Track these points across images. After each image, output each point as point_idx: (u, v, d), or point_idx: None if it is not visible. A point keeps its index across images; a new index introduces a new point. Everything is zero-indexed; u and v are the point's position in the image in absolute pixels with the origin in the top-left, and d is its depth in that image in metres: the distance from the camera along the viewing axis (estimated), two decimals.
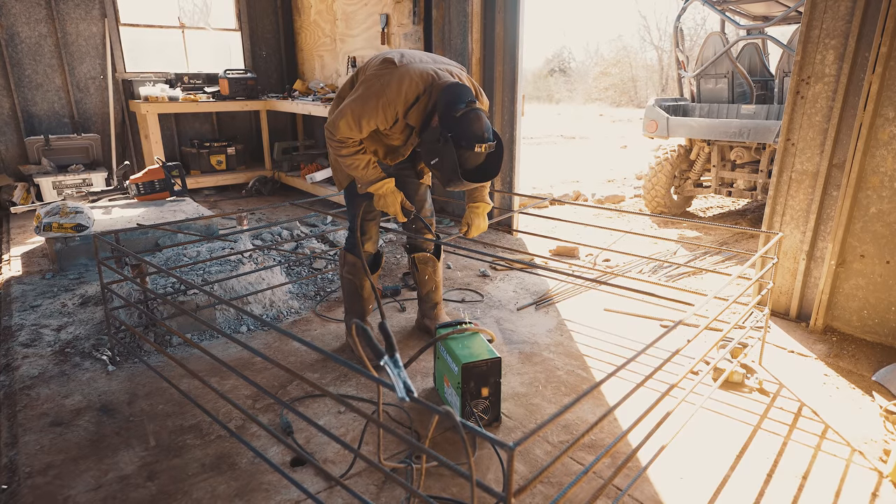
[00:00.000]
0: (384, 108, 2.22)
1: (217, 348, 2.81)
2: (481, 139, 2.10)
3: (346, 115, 2.25)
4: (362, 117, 2.23)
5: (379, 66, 2.27)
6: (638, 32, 45.75)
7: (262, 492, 1.85)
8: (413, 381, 2.53)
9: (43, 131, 5.69)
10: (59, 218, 3.75)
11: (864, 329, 2.94)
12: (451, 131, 2.09)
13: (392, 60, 2.26)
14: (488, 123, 2.16)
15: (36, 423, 2.20)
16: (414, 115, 2.26)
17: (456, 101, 2.12)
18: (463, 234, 2.65)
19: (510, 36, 4.64)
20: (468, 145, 2.08)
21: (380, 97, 2.20)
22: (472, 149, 2.09)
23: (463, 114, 2.09)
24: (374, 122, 2.25)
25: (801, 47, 2.91)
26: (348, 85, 2.46)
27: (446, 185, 2.21)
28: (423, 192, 2.75)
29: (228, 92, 6.23)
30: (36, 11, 5.55)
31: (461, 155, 2.11)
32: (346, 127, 2.26)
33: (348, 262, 2.70)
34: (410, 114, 2.25)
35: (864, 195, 2.84)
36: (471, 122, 2.09)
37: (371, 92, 2.22)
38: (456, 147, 2.09)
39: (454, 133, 2.09)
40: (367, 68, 2.34)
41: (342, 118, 2.26)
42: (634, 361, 1.47)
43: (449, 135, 2.09)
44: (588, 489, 1.86)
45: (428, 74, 2.23)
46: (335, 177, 2.63)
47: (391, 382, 1.31)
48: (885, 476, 1.94)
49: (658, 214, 4.61)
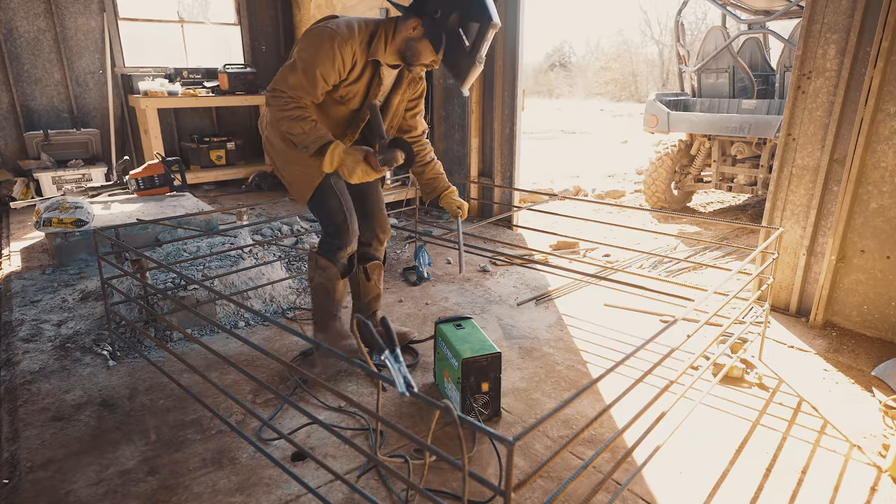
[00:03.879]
0: (340, 48, 2.00)
1: (217, 343, 2.81)
2: (493, 8, 1.98)
3: (297, 68, 2.00)
4: (318, 65, 1.99)
5: (317, 23, 2.09)
6: (639, 27, 45.63)
7: (262, 486, 1.85)
8: (413, 377, 2.53)
9: (42, 126, 5.67)
10: (59, 213, 3.75)
11: (864, 324, 2.95)
12: (451, 8, 1.95)
13: (328, 17, 2.11)
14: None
15: (37, 418, 2.21)
16: (379, 50, 2.08)
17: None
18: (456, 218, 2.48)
19: (510, 30, 4.62)
20: (482, 19, 1.95)
21: (333, 38, 1.99)
22: (488, 23, 1.96)
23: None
24: (330, 72, 2.02)
25: (803, 42, 2.90)
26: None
27: (464, 77, 2.05)
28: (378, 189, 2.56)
29: (228, 86, 6.21)
30: (34, 5, 5.53)
31: (474, 33, 1.96)
32: (298, 82, 2.01)
33: (321, 266, 2.39)
34: (374, 50, 2.08)
35: (864, 190, 2.84)
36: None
37: (322, 38, 1.99)
38: (467, 28, 1.96)
39: (458, 10, 1.95)
40: (299, 40, 2.14)
41: (294, 73, 2.01)
42: (634, 357, 1.47)
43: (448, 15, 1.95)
44: (588, 484, 1.87)
45: (371, 20, 2.10)
46: (292, 191, 2.31)
47: (391, 377, 1.31)
48: (884, 471, 1.95)
49: (658, 209, 4.60)
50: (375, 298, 2.70)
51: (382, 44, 2.09)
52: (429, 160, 2.48)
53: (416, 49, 2.08)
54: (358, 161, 2.09)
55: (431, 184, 2.49)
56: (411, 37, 2.06)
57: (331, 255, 2.38)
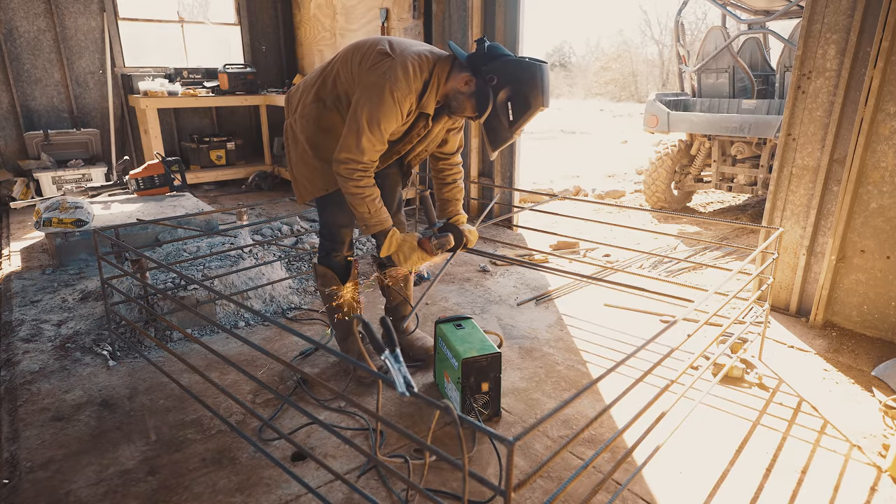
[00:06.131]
0: (400, 103, 1.99)
1: (217, 343, 2.81)
2: (548, 93, 1.96)
3: (364, 129, 1.98)
4: (381, 122, 1.98)
5: (374, 59, 2.04)
6: (639, 27, 45.64)
7: (262, 486, 1.85)
8: (413, 377, 2.53)
9: (42, 126, 5.68)
10: (59, 213, 3.75)
11: (864, 324, 2.95)
12: (508, 82, 1.94)
13: (385, 51, 2.05)
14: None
15: (37, 418, 2.21)
16: (429, 103, 2.07)
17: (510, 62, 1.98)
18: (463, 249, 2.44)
19: (511, 30, 4.62)
20: (531, 102, 1.94)
21: (393, 92, 1.96)
22: (537, 108, 1.96)
23: (521, 64, 1.95)
24: (392, 123, 2.03)
25: (803, 42, 2.90)
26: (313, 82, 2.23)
27: (496, 146, 2.06)
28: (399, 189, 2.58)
29: (228, 86, 6.22)
30: (35, 5, 5.53)
31: (520, 111, 1.96)
32: (369, 144, 2.00)
33: (319, 274, 2.44)
34: (425, 102, 2.06)
35: (864, 190, 2.84)
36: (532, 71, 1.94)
37: (382, 92, 1.97)
38: (516, 101, 1.95)
39: (514, 86, 1.94)
40: (353, 61, 2.10)
41: (361, 136, 1.98)
42: (634, 357, 1.47)
43: (503, 87, 1.94)
44: (588, 483, 1.87)
45: (426, 57, 2.06)
46: (297, 188, 2.33)
47: (391, 377, 1.31)
48: (884, 471, 1.95)
49: (658, 210, 4.60)
50: (402, 303, 2.65)
51: (433, 94, 2.07)
52: (450, 181, 2.45)
53: (461, 102, 2.06)
54: (414, 248, 2.20)
55: (444, 205, 2.48)
56: (461, 90, 2.04)
57: (326, 260, 2.43)
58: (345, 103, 2.15)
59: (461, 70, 2.04)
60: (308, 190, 2.29)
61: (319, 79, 2.22)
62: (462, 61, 2.05)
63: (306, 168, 2.26)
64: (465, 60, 2.04)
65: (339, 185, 2.10)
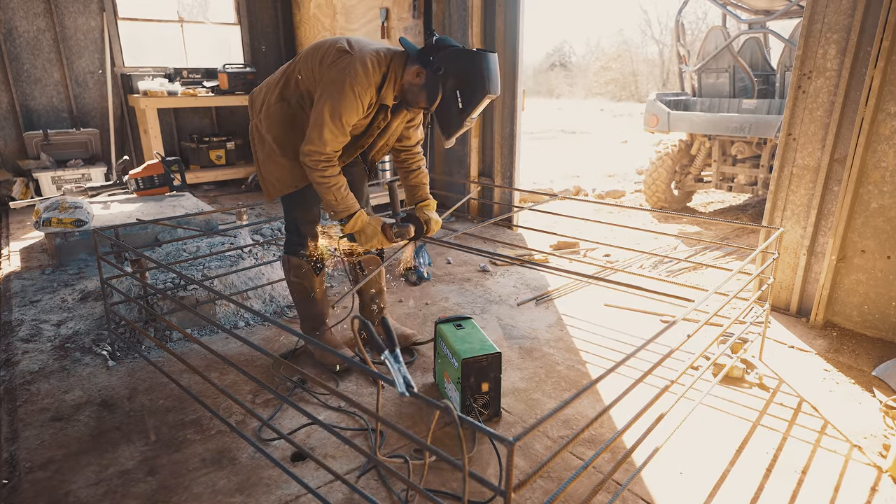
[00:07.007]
0: (360, 96, 2.08)
1: (217, 343, 2.81)
2: (494, 81, 2.03)
3: (326, 121, 2.08)
4: (343, 115, 2.08)
5: (334, 56, 2.12)
6: (639, 27, 45.65)
7: (262, 486, 1.85)
8: (413, 377, 2.53)
9: (42, 126, 5.67)
10: (59, 213, 3.75)
11: (864, 324, 2.94)
12: (454, 71, 2.02)
13: (344, 49, 2.13)
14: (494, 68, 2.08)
15: (36, 418, 2.20)
16: (388, 95, 2.17)
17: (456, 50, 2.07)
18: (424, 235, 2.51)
19: (510, 30, 4.62)
20: (478, 89, 2.02)
21: (353, 86, 2.06)
22: (484, 95, 2.03)
23: (467, 54, 2.03)
24: (353, 118, 2.12)
25: (803, 42, 2.90)
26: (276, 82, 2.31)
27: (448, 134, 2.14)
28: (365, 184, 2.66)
29: (228, 86, 6.21)
30: (34, 5, 5.53)
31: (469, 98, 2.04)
32: (331, 136, 2.10)
33: (293, 265, 2.52)
34: (384, 94, 2.16)
35: (865, 190, 2.83)
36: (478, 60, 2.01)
37: (343, 87, 2.06)
38: (463, 89, 2.03)
39: (459, 74, 2.02)
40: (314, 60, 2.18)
41: (324, 128, 2.08)
42: (634, 357, 1.47)
43: (450, 76, 2.02)
44: (588, 484, 1.87)
45: (383, 52, 2.15)
46: (265, 186, 2.41)
47: (391, 377, 1.31)
48: (885, 471, 1.95)
49: (658, 210, 4.60)
50: (378, 293, 2.74)
51: (391, 87, 2.17)
52: (414, 168, 2.56)
53: (415, 94, 2.17)
54: (376, 232, 2.30)
55: (412, 191, 2.58)
56: (413, 82, 2.14)
57: (294, 251, 2.52)
58: (308, 101, 2.24)
59: (413, 63, 2.14)
60: (276, 187, 2.38)
61: (282, 79, 2.30)
62: (413, 55, 2.14)
63: (274, 166, 2.34)
64: (415, 54, 2.14)
65: (307, 175, 2.20)
